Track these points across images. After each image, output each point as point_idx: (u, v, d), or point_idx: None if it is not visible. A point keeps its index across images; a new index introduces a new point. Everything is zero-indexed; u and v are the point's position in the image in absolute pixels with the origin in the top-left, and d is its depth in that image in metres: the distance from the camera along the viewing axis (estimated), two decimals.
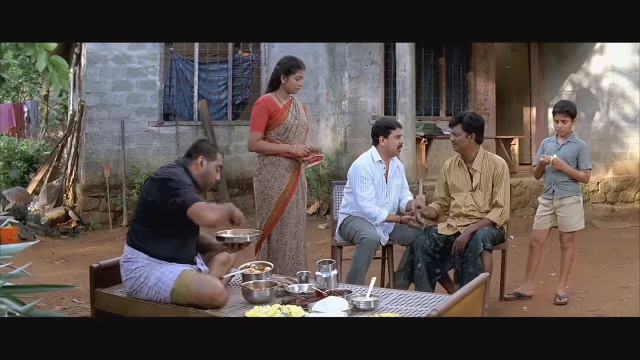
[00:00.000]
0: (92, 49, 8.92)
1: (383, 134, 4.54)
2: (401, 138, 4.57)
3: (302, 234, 4.45)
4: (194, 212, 3.13)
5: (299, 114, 4.42)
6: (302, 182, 4.46)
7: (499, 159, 4.47)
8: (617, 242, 6.98)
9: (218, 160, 3.51)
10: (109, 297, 3.51)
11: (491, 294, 4.82)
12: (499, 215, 4.33)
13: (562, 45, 9.70)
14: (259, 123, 4.28)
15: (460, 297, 2.94)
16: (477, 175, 4.41)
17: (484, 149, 4.53)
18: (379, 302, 3.15)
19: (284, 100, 4.37)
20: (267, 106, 4.30)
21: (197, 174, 3.43)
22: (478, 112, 10.24)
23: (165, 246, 3.30)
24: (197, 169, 3.44)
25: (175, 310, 3.23)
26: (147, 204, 3.31)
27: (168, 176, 3.25)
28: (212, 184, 3.57)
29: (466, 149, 4.41)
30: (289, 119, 4.32)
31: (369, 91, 9.43)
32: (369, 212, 4.43)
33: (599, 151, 9.04)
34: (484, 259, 4.17)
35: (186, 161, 3.46)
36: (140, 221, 3.35)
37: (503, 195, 4.35)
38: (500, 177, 4.37)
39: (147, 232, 3.31)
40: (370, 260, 4.30)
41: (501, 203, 4.34)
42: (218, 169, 3.51)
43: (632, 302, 4.63)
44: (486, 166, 4.41)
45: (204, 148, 3.50)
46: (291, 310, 3.04)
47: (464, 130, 4.36)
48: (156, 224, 3.30)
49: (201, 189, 3.47)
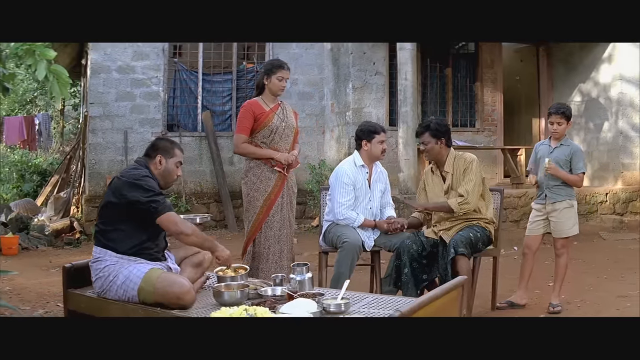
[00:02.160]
0: (95, 60, 8.97)
1: (366, 138, 4.47)
2: (384, 143, 4.49)
3: (287, 239, 4.39)
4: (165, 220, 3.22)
5: (287, 117, 4.39)
6: (289, 187, 4.42)
7: (469, 155, 4.37)
8: (622, 252, 6.79)
9: (177, 157, 3.48)
10: (80, 297, 3.50)
11: (483, 303, 4.72)
12: (458, 203, 4.20)
13: (571, 55, 9.57)
14: (244, 126, 4.31)
15: (430, 300, 2.83)
16: (449, 177, 4.33)
17: (455, 151, 4.42)
18: (350, 305, 3.06)
19: (271, 103, 4.37)
20: (252, 109, 4.32)
21: (157, 173, 3.42)
22: (485, 123, 10.16)
23: (132, 241, 3.28)
24: (157, 168, 3.42)
25: (144, 311, 3.19)
26: (116, 205, 3.28)
27: (139, 181, 3.25)
28: (174, 181, 3.52)
29: (438, 154, 4.35)
30: (275, 122, 4.30)
31: (374, 102, 9.36)
32: (345, 218, 4.36)
33: (607, 162, 8.86)
34: (459, 264, 4.03)
35: (146, 161, 3.44)
36: (107, 221, 3.33)
37: (467, 186, 4.22)
38: (468, 171, 4.26)
39: (113, 230, 3.28)
40: (353, 264, 4.20)
41: (462, 192, 4.21)
42: (178, 165, 3.48)
43: (629, 311, 4.47)
44: (456, 165, 4.32)
45: (162, 146, 3.47)
46: (257, 311, 2.97)
47: (432, 137, 4.30)
48: (122, 222, 3.27)
49: (163, 187, 3.44)
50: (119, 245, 3.26)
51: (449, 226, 4.27)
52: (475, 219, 4.27)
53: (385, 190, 4.61)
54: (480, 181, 4.28)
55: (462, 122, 10.09)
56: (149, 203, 3.19)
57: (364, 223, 4.37)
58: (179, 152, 3.50)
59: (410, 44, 7.74)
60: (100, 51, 8.97)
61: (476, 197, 4.25)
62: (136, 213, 3.22)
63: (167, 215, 3.21)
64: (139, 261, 3.26)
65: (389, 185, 4.67)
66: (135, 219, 3.24)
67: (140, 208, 3.20)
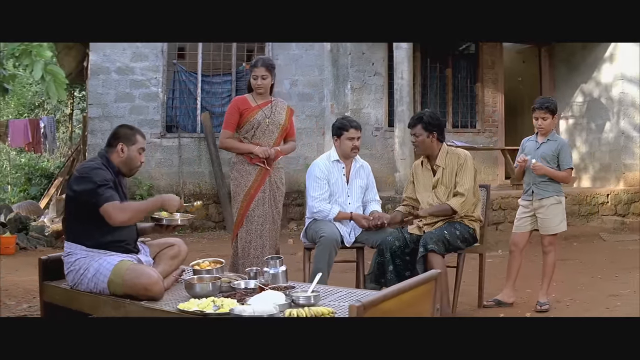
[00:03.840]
0: (95, 61, 9.01)
1: (336, 134, 4.45)
2: (356, 140, 4.42)
3: (270, 235, 4.36)
4: (104, 210, 3.16)
5: (273, 114, 4.39)
6: (272, 182, 4.41)
7: (462, 152, 4.29)
8: (620, 253, 6.68)
9: (138, 143, 3.46)
10: (54, 289, 3.55)
11: (469, 301, 4.66)
12: (460, 203, 4.12)
13: (573, 55, 9.49)
14: (229, 121, 4.40)
15: (396, 293, 2.76)
16: (440, 171, 4.24)
17: (448, 147, 4.35)
18: (320, 298, 3.01)
19: (261, 100, 4.39)
20: (237, 105, 4.40)
21: (120, 162, 3.42)
22: (486, 124, 10.09)
23: (98, 234, 3.28)
24: (119, 156, 3.41)
25: (113, 302, 3.19)
26: (72, 200, 3.30)
27: (86, 174, 3.25)
28: (138, 167, 3.51)
29: (429, 148, 4.26)
30: (257, 117, 4.33)
31: (372, 102, 9.34)
32: (318, 210, 4.33)
33: (609, 162, 8.75)
34: (431, 262, 3.94)
35: (108, 151, 3.44)
36: (71, 216, 3.35)
37: (465, 184, 4.14)
38: (462, 168, 4.18)
39: (79, 225, 3.30)
40: (331, 259, 4.15)
41: (462, 192, 4.13)
42: (140, 151, 3.47)
43: (619, 310, 4.38)
44: (450, 161, 4.23)
45: (122, 134, 3.46)
46: (225, 303, 2.96)
47: (424, 130, 4.22)
48: (85, 215, 3.26)
49: (127, 174, 3.45)
50: (87, 239, 3.26)
51: (433, 221, 4.21)
52: (460, 216, 4.20)
53: (367, 186, 4.55)
54: (475, 180, 4.23)
55: (463, 123, 10.03)
56: (90, 195, 3.17)
57: (338, 215, 4.33)
58: (140, 138, 3.48)
59: (406, 43, 7.70)
60: (99, 52, 9.02)
61: (473, 195, 4.19)
62: (89, 205, 3.20)
63: (104, 207, 3.16)
64: (109, 254, 3.26)
65: (372, 180, 4.61)
66: (94, 212, 3.22)
67: (87, 200, 3.19)
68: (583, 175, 9.27)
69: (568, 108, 9.67)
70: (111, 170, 3.34)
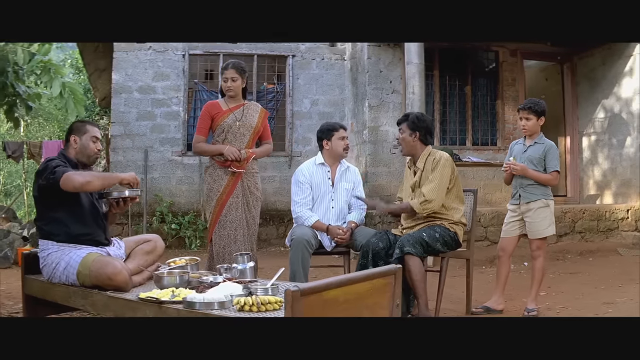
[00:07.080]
0: (117, 80, 9.33)
1: (326, 137, 4.49)
2: (346, 140, 4.49)
3: (245, 240, 4.37)
4: (63, 181, 3.24)
5: (245, 116, 4.44)
6: (245, 187, 4.44)
7: (443, 153, 4.24)
8: (634, 266, 6.47)
9: (89, 132, 3.60)
10: (33, 282, 3.72)
11: (457, 308, 4.61)
12: (420, 203, 4.08)
13: (593, 70, 9.35)
14: (200, 126, 4.46)
15: (344, 282, 2.71)
16: (419, 173, 4.23)
17: (432, 149, 4.33)
18: (278, 291, 3.05)
19: (232, 104, 4.46)
20: (208, 110, 4.46)
21: (75, 153, 3.57)
22: (507, 141, 9.94)
23: (66, 228, 3.42)
24: (74, 147, 3.58)
25: (82, 292, 3.31)
26: (38, 198, 3.48)
27: (43, 166, 3.40)
28: (96, 155, 3.63)
29: (411, 148, 4.26)
30: (227, 120, 4.38)
31: (390, 120, 9.34)
32: (297, 215, 4.39)
33: (630, 178, 8.53)
34: (407, 263, 3.90)
35: (65, 148, 3.62)
36: (40, 215, 3.52)
37: (430, 185, 4.10)
38: (434, 169, 4.14)
39: (48, 221, 3.46)
40: (305, 261, 4.16)
41: (424, 192, 4.10)
42: (94, 140, 3.60)
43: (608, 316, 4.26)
44: (428, 162, 4.21)
45: (74, 127, 3.64)
46: (182, 292, 3.04)
47: (408, 128, 4.23)
48: (52, 212, 3.43)
49: (86, 164, 3.58)
50: (56, 234, 3.42)
51: (412, 224, 4.21)
52: (440, 219, 4.18)
53: (353, 190, 4.57)
54: (446, 181, 4.12)
55: (483, 141, 9.93)
56: (49, 179, 3.30)
57: (314, 225, 4.35)
58: (91, 127, 3.63)
59: (417, 58, 7.74)
60: (121, 72, 9.34)
61: (440, 197, 4.11)
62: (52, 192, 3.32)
63: (63, 178, 3.25)
64: (79, 247, 3.40)
65: (359, 183, 4.62)
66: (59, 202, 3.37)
67: (48, 186, 3.32)
68: (605, 192, 9.05)
69: (590, 125, 9.51)
70: (69, 164, 3.48)
